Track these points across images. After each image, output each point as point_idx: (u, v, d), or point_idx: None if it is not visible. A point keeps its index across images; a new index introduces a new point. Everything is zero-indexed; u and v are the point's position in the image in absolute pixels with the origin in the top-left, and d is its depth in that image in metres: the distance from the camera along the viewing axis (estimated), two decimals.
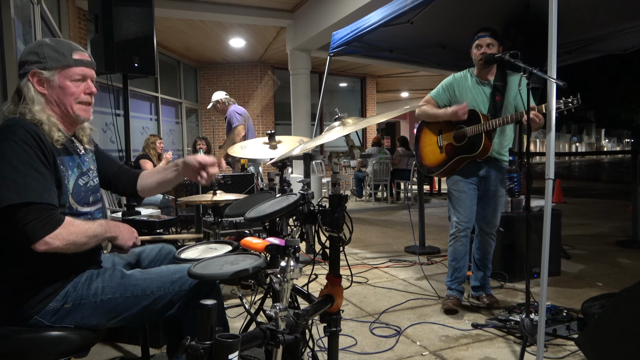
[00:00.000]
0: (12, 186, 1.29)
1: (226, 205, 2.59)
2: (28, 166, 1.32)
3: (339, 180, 1.62)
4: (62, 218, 1.36)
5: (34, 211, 1.29)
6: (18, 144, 1.33)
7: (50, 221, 1.32)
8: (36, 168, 1.34)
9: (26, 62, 1.46)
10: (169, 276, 1.50)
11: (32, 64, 1.46)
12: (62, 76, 1.48)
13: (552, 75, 2.10)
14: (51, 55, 1.47)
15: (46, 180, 1.36)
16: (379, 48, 4.93)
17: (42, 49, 1.47)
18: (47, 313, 1.40)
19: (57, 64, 1.47)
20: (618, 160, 47.97)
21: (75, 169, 1.51)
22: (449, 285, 3.00)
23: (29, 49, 1.49)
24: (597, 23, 4.22)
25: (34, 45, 1.49)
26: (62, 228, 1.34)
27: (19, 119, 1.40)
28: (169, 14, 7.20)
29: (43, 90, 1.47)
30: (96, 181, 1.64)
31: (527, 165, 2.37)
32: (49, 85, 1.47)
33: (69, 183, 1.47)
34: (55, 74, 1.47)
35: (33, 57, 1.46)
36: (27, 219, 1.29)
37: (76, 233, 1.37)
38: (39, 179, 1.33)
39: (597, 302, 2.58)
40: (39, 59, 1.46)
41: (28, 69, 1.46)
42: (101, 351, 2.40)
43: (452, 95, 2.92)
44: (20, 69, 1.48)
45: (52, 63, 1.47)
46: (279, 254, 1.40)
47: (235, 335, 1.03)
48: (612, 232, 5.79)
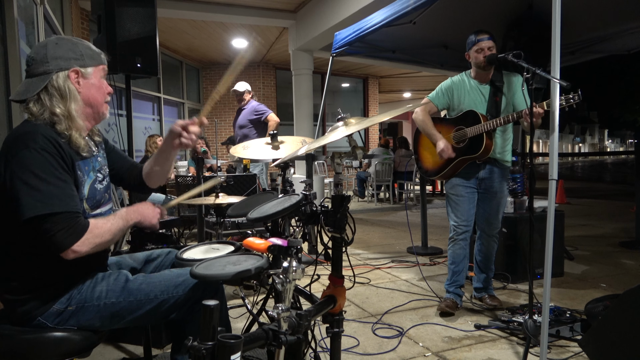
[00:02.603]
0: (37, 195, 1.29)
1: (229, 205, 2.59)
2: (50, 174, 1.32)
3: (342, 180, 1.61)
4: (87, 224, 1.36)
5: (60, 221, 1.30)
6: (39, 152, 1.32)
7: (77, 229, 1.33)
8: (58, 176, 1.34)
9: (60, 58, 1.43)
10: (173, 280, 1.51)
11: (71, 60, 1.44)
12: (96, 74, 1.51)
13: (555, 76, 2.09)
14: (88, 53, 1.49)
15: (69, 187, 1.37)
16: (382, 48, 4.92)
17: (78, 48, 1.47)
18: (50, 315, 1.41)
19: (94, 62, 1.50)
20: (621, 161, 47.81)
21: (91, 173, 1.51)
22: (447, 289, 2.99)
23: (60, 47, 1.44)
24: (600, 23, 4.20)
25: (62, 42, 1.46)
26: (89, 233, 1.35)
27: (39, 125, 1.39)
28: (171, 14, 7.21)
29: (79, 89, 1.47)
30: (108, 180, 1.64)
31: (530, 166, 2.36)
32: (85, 83, 1.48)
33: (85, 188, 1.47)
34: (92, 72, 1.49)
35: (70, 54, 1.44)
36: (55, 229, 1.30)
37: (102, 234, 1.39)
38: (62, 187, 1.34)
39: (600, 303, 2.57)
40: (77, 57, 1.45)
41: (65, 65, 1.43)
42: (104, 351, 2.41)
43: (450, 98, 2.91)
44: (49, 64, 1.42)
45: (89, 61, 1.48)
46: (282, 255, 1.40)
47: (238, 335, 1.03)
48: (615, 233, 5.77)
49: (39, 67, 1.42)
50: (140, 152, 7.39)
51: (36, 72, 1.43)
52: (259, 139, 2.75)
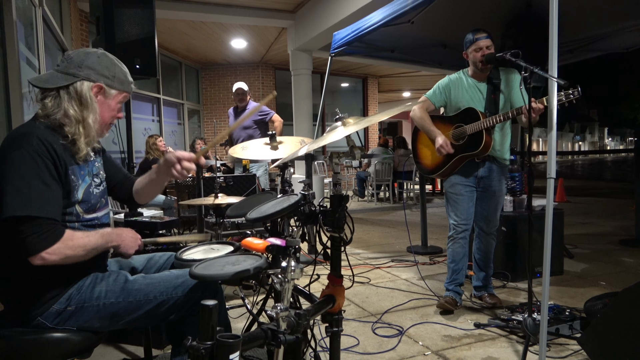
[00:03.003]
0: (17, 196, 1.29)
1: (228, 206, 2.59)
2: (36, 178, 1.32)
3: (340, 180, 1.61)
4: (62, 232, 1.35)
5: (34, 225, 1.30)
6: (30, 154, 1.33)
7: (49, 236, 1.32)
8: (44, 180, 1.33)
9: (93, 69, 1.47)
10: (172, 281, 1.51)
11: (101, 76, 1.49)
12: (117, 98, 1.56)
13: (553, 74, 2.10)
14: (120, 77, 1.54)
15: (52, 193, 1.35)
16: (380, 48, 4.92)
17: (115, 69, 1.53)
18: (50, 315, 1.41)
19: (121, 87, 1.55)
20: (621, 159, 47.78)
21: (86, 177, 1.51)
22: (447, 287, 3.00)
23: (100, 60, 1.49)
24: (598, 21, 4.21)
25: (105, 59, 1.51)
26: (61, 243, 1.34)
27: (38, 128, 1.39)
28: (170, 15, 7.22)
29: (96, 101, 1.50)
30: (105, 185, 1.65)
31: (528, 165, 2.37)
32: (103, 101, 1.52)
33: (78, 192, 1.47)
34: (114, 95, 1.54)
35: (104, 71, 1.49)
36: (27, 232, 1.29)
37: (74, 247, 1.37)
38: (44, 192, 1.33)
39: (599, 301, 2.58)
40: (109, 76, 1.51)
41: (95, 78, 1.47)
42: (104, 352, 2.41)
43: (448, 96, 2.92)
44: (81, 70, 1.45)
45: (118, 85, 1.54)
46: (280, 255, 1.40)
47: (236, 335, 1.04)
48: (615, 231, 5.77)
49: (71, 68, 1.46)
50: (140, 153, 7.40)
51: (66, 71, 1.46)
52: (259, 139, 2.75)
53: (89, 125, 1.46)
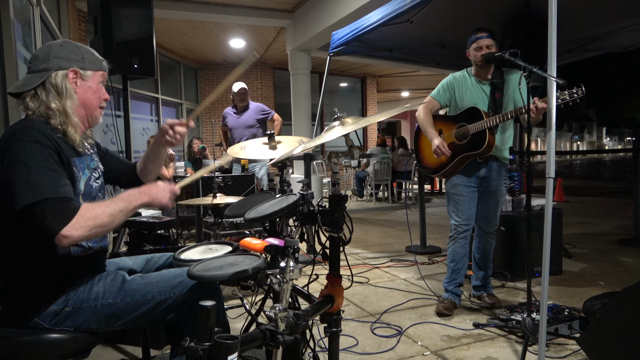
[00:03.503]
0: (26, 185, 1.28)
1: (226, 206, 2.59)
2: (40, 165, 1.32)
3: (339, 180, 1.61)
4: (77, 207, 1.32)
5: (49, 206, 1.28)
6: (30, 143, 1.33)
7: (65, 213, 1.29)
8: (48, 166, 1.33)
9: (61, 58, 1.47)
10: (170, 281, 1.50)
11: (71, 61, 1.49)
12: (95, 78, 1.55)
13: (552, 74, 2.10)
14: (90, 57, 1.54)
15: (59, 176, 1.35)
16: (379, 48, 4.92)
17: (81, 51, 1.52)
18: (47, 316, 1.40)
19: (94, 66, 1.55)
20: (619, 159, 47.86)
21: (85, 170, 1.52)
22: (446, 287, 2.99)
23: (63, 48, 1.49)
24: (597, 21, 4.21)
25: (68, 45, 1.51)
26: (79, 217, 1.30)
27: (32, 121, 1.41)
28: (168, 15, 7.21)
29: (76, 89, 1.50)
30: (102, 180, 1.65)
31: (527, 164, 2.36)
32: (82, 84, 1.52)
33: (80, 184, 1.47)
34: (91, 75, 1.54)
35: (72, 55, 1.49)
36: (44, 214, 1.27)
37: (96, 216, 1.33)
38: (51, 176, 1.33)
39: (599, 301, 2.58)
40: (78, 59, 1.50)
41: (65, 65, 1.47)
42: (102, 352, 2.40)
43: (452, 94, 2.92)
44: (49, 62, 1.45)
45: (90, 65, 1.53)
46: (279, 255, 1.40)
47: (234, 336, 1.03)
48: (613, 231, 5.78)
49: (40, 64, 1.46)
50: (139, 152, 7.39)
51: (36, 69, 1.47)
52: (258, 139, 2.74)
53: (69, 113, 1.45)
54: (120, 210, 1.40)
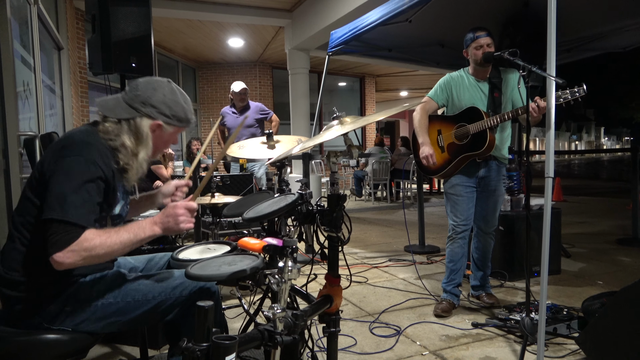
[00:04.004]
0: (60, 199, 1.30)
1: (225, 205, 2.58)
2: (83, 185, 1.34)
3: (338, 179, 1.61)
4: (78, 235, 1.30)
5: (61, 227, 1.29)
6: (88, 163, 1.37)
7: (64, 238, 1.28)
8: (89, 190, 1.36)
9: (156, 107, 1.52)
10: (170, 282, 1.51)
11: (161, 115, 1.54)
12: (172, 134, 1.61)
13: (551, 73, 2.09)
14: (179, 116, 1.58)
15: (92, 203, 1.37)
16: (378, 47, 4.91)
17: (176, 108, 1.56)
18: (47, 314, 1.40)
19: (178, 124, 1.59)
20: (618, 159, 47.98)
21: (124, 195, 1.58)
22: (445, 288, 2.98)
23: (164, 99, 1.53)
24: (596, 21, 4.21)
25: (170, 98, 1.55)
26: (75, 245, 1.29)
27: (100, 142, 1.44)
28: (167, 14, 7.19)
29: (152, 137, 1.55)
30: (128, 207, 1.70)
31: (526, 164, 2.36)
32: (159, 135, 1.57)
33: (117, 208, 1.53)
34: (171, 131, 1.59)
35: (165, 109, 1.54)
36: (52, 233, 1.29)
37: (92, 248, 1.31)
38: (86, 199, 1.34)
39: (597, 300, 2.58)
40: (169, 115, 1.55)
41: (155, 116, 1.52)
42: (100, 352, 2.40)
43: (449, 94, 2.91)
44: (144, 107, 1.51)
45: (176, 122, 1.58)
46: (277, 255, 1.39)
47: (232, 336, 1.03)
48: (612, 230, 5.79)
49: (136, 102, 1.51)
50: None
51: (130, 103, 1.52)
52: (256, 138, 2.74)
53: (141, 160, 1.51)
54: (123, 242, 1.37)
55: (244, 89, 5.37)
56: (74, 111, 5.58)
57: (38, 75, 3.52)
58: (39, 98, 3.53)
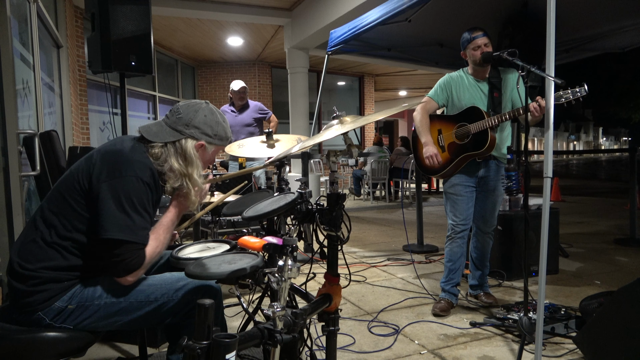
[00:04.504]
0: (122, 220, 1.38)
1: (224, 204, 2.58)
2: (144, 207, 1.44)
3: (337, 179, 1.61)
4: (144, 256, 1.44)
5: (130, 250, 1.40)
6: (143, 184, 1.44)
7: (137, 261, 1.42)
8: (148, 210, 1.46)
9: (199, 128, 1.58)
10: (174, 284, 1.52)
11: (204, 135, 1.59)
12: (214, 152, 1.68)
13: (550, 74, 2.10)
14: (220, 135, 1.64)
15: (148, 220, 1.47)
16: (377, 46, 4.91)
17: (217, 128, 1.62)
18: (51, 311, 1.41)
19: (220, 143, 1.66)
20: (616, 159, 48.09)
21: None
22: (443, 287, 2.99)
23: (206, 120, 1.59)
24: (595, 21, 4.22)
25: (211, 118, 1.61)
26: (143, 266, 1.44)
27: (151, 163, 1.50)
28: (166, 12, 7.18)
29: None
30: None
31: (525, 164, 2.37)
32: (202, 155, 1.62)
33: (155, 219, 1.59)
34: (212, 150, 1.65)
35: (207, 130, 1.60)
36: (123, 255, 1.39)
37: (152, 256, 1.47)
38: (144, 217, 1.44)
39: (595, 300, 2.59)
40: (211, 135, 1.61)
41: (198, 137, 1.58)
42: (99, 351, 2.40)
43: (449, 94, 2.91)
44: (188, 128, 1.56)
45: (217, 142, 1.64)
46: (277, 253, 1.40)
47: (233, 335, 1.03)
48: (610, 230, 5.80)
49: (179, 125, 1.57)
50: None
51: (174, 127, 1.57)
52: (256, 137, 2.74)
53: (195, 179, 1.57)
54: (166, 239, 1.55)
55: (243, 88, 5.37)
56: (72, 109, 5.57)
57: (37, 73, 3.52)
58: (38, 96, 3.53)
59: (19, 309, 1.41)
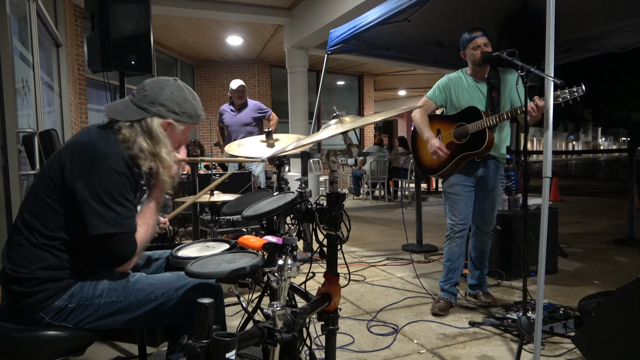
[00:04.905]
0: (107, 214, 1.38)
1: (223, 203, 2.58)
2: (125, 198, 1.42)
3: (337, 178, 1.61)
4: (135, 243, 1.46)
5: (123, 240, 1.42)
6: (119, 175, 1.41)
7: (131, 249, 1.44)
8: (130, 198, 1.45)
9: (165, 106, 1.53)
10: (174, 283, 1.52)
11: (171, 113, 1.54)
12: (184, 132, 1.62)
13: (549, 74, 2.10)
14: (189, 112, 1.59)
15: (132, 208, 1.46)
16: (377, 46, 4.92)
17: (185, 105, 1.57)
18: (51, 310, 1.40)
19: (189, 121, 1.60)
20: (614, 159, 48.14)
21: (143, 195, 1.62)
22: (442, 287, 2.99)
23: (172, 96, 1.54)
24: (594, 21, 4.22)
25: (178, 95, 1.56)
26: (137, 251, 1.47)
27: (121, 150, 1.45)
28: (166, 11, 7.17)
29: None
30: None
31: (524, 164, 2.37)
32: (170, 134, 1.57)
33: (138, 207, 1.59)
34: (182, 129, 1.60)
35: (174, 107, 1.55)
36: (117, 247, 1.41)
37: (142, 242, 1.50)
38: (128, 207, 1.43)
39: (593, 300, 2.59)
40: (178, 112, 1.56)
41: (165, 114, 1.53)
42: (98, 350, 2.40)
43: (448, 95, 2.92)
44: (153, 106, 1.52)
45: (186, 119, 1.59)
46: (277, 253, 1.40)
47: (233, 333, 1.03)
48: (608, 230, 5.81)
49: (144, 102, 1.53)
50: None
51: (139, 104, 1.53)
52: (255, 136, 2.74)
53: (165, 158, 1.52)
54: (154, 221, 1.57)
55: (241, 86, 5.37)
56: (72, 108, 5.57)
57: (37, 72, 3.51)
58: (38, 95, 3.52)
59: (19, 310, 1.40)
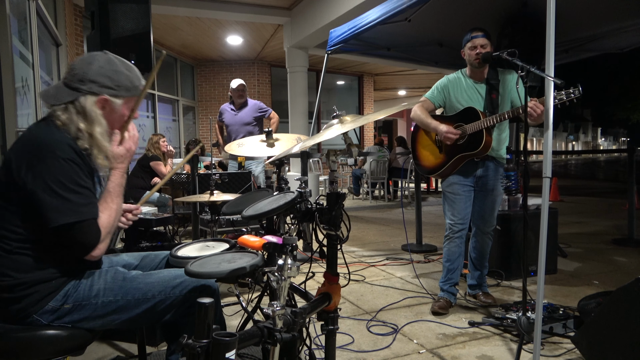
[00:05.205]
0: (64, 204, 1.33)
1: (223, 203, 2.58)
2: (77, 184, 1.37)
3: (337, 178, 1.61)
4: (98, 228, 1.40)
5: (84, 227, 1.36)
6: (67, 162, 1.36)
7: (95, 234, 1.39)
8: (84, 185, 1.39)
9: (96, 82, 1.45)
10: (171, 281, 1.51)
11: (104, 88, 1.46)
12: (125, 105, 1.53)
13: (549, 74, 2.10)
14: (125, 85, 1.50)
15: (89, 194, 1.41)
16: (377, 46, 4.92)
17: (119, 77, 1.49)
18: (45, 312, 1.39)
19: (127, 94, 1.51)
20: (614, 159, 48.18)
21: (98, 186, 1.55)
22: (442, 287, 3.00)
23: (102, 70, 1.46)
24: (594, 21, 4.22)
25: (108, 68, 1.47)
26: (102, 236, 1.41)
27: (64, 136, 1.40)
28: (166, 10, 7.17)
29: (104, 114, 1.48)
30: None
31: (524, 164, 2.37)
32: (110, 111, 1.50)
33: (97, 194, 1.52)
34: (122, 103, 1.51)
35: (106, 82, 1.46)
36: (79, 235, 1.36)
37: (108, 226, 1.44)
38: (84, 194, 1.38)
39: (593, 300, 2.59)
40: (112, 87, 1.47)
41: (98, 91, 1.45)
42: (97, 349, 2.40)
43: (447, 96, 2.92)
44: (83, 84, 1.44)
45: (123, 93, 1.50)
46: (277, 252, 1.40)
47: (233, 333, 1.03)
48: (608, 230, 5.81)
49: (74, 82, 1.45)
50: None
51: (70, 85, 1.45)
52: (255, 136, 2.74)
53: (98, 139, 1.44)
54: (118, 204, 1.50)
55: (241, 85, 5.37)
56: None
57: (36, 72, 3.52)
58: (37, 94, 3.53)
59: (13, 314, 1.38)
